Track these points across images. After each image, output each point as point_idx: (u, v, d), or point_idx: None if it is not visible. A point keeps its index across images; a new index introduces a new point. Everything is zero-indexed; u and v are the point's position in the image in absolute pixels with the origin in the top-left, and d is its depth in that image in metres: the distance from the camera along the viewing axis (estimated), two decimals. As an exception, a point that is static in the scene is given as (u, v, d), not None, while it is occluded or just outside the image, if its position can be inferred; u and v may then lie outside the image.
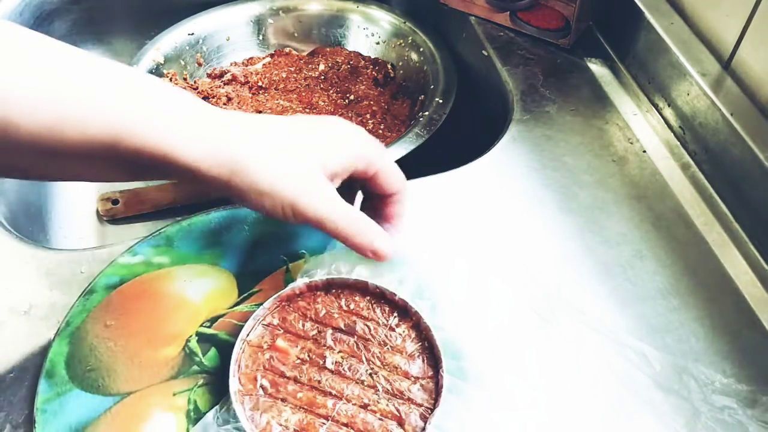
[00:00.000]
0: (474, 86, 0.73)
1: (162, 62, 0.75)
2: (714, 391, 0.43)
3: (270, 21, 0.82)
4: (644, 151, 0.59)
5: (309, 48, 0.83)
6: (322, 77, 0.78)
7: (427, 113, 0.66)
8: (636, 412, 0.42)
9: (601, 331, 0.46)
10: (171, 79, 0.75)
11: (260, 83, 0.77)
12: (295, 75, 0.78)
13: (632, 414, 0.42)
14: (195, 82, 0.76)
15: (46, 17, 0.78)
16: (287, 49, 0.82)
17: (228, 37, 0.80)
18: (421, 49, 0.76)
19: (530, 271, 0.49)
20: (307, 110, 0.74)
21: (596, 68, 0.68)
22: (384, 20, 0.80)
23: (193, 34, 0.78)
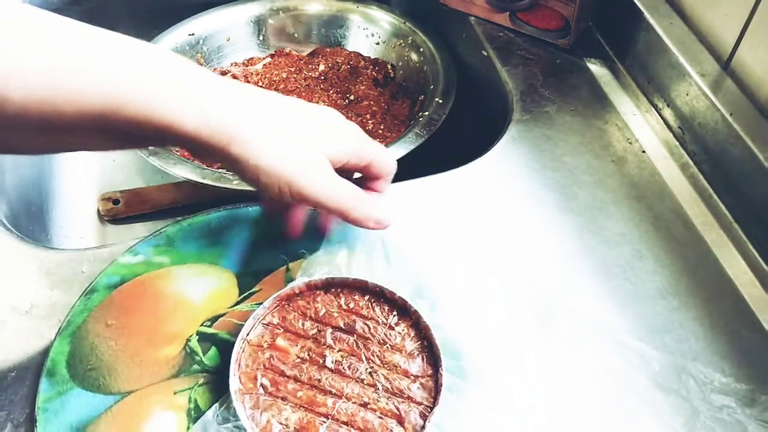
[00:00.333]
0: (474, 86, 0.74)
1: (162, 62, 0.75)
2: (713, 391, 0.43)
3: (270, 21, 0.82)
4: (643, 152, 0.60)
5: (309, 48, 0.83)
6: (322, 77, 0.78)
7: (427, 113, 0.66)
8: (635, 412, 0.42)
9: (601, 331, 0.46)
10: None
11: (260, 83, 0.77)
12: (296, 75, 0.78)
13: (631, 413, 0.42)
14: (195, 83, 0.76)
15: (47, 17, 0.78)
16: (287, 50, 0.82)
17: (228, 38, 0.80)
18: (421, 50, 0.76)
19: (529, 271, 0.49)
20: (308, 110, 0.74)
21: (596, 68, 0.68)
22: (384, 20, 0.80)
23: (194, 35, 0.78)
